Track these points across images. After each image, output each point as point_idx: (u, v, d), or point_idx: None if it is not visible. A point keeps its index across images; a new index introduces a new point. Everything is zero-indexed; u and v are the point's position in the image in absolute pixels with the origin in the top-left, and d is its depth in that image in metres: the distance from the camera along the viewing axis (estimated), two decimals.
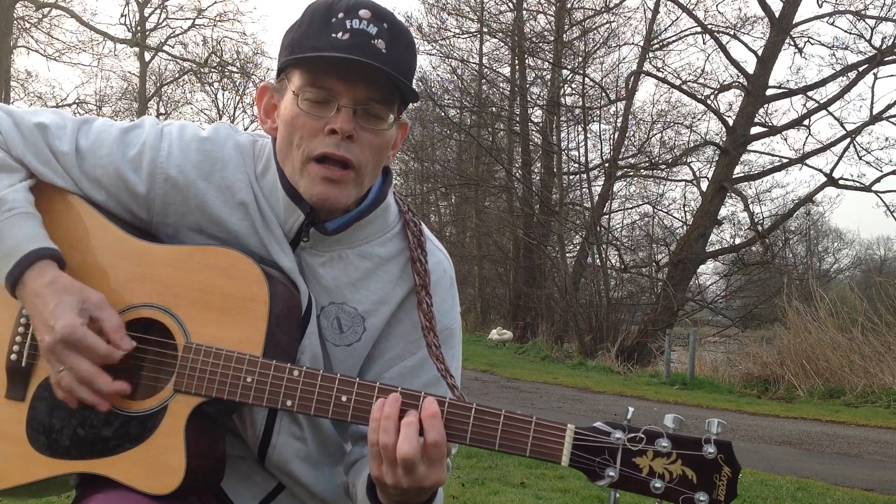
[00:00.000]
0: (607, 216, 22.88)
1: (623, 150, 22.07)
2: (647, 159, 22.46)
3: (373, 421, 1.25)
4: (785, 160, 20.51)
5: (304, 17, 1.40)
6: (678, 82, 20.93)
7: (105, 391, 1.32)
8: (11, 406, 1.40)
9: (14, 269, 1.36)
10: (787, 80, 21.88)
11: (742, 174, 21.00)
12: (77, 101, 29.69)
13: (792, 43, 19.43)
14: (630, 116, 21.89)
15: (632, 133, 22.67)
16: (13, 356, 1.42)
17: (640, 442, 1.21)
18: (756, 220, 20.38)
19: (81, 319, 1.32)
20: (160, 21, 30.03)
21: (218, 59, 29.83)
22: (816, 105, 19.51)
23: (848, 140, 19.09)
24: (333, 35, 1.34)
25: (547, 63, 23.45)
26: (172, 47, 30.35)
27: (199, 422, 1.34)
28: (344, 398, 1.30)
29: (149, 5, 29.30)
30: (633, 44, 23.19)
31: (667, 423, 1.22)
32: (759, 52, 19.29)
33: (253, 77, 30.50)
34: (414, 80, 1.46)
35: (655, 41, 21.34)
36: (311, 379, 1.31)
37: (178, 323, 1.37)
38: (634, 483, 1.20)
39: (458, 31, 25.71)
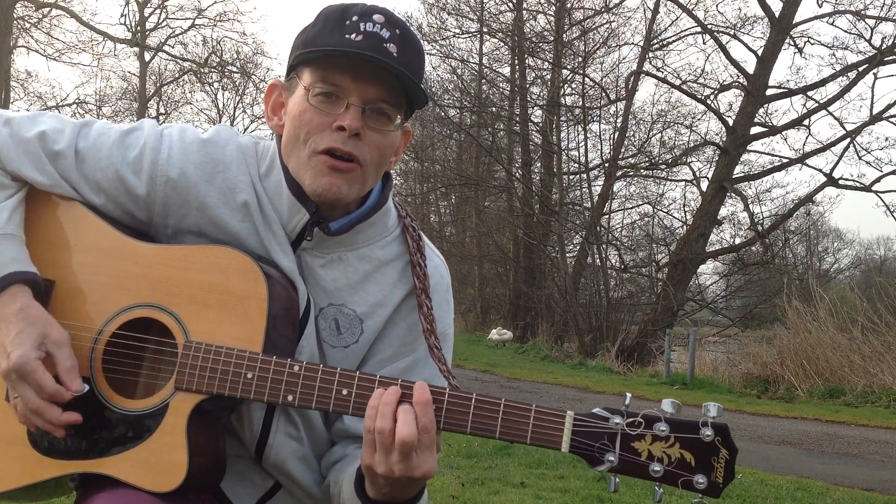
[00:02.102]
0: (607, 216, 22.89)
1: (623, 150, 22.09)
2: (647, 159, 22.47)
3: (370, 408, 1.26)
4: (785, 160, 20.52)
5: (318, 19, 1.42)
6: (678, 82, 20.95)
7: (54, 423, 1.33)
8: (12, 408, 1.40)
9: None
10: (787, 80, 21.92)
11: (742, 174, 21.02)
12: (77, 101, 29.69)
13: (792, 43, 19.45)
14: (630, 116, 21.93)
15: (632, 133, 22.71)
16: None
17: (638, 426, 1.22)
18: (756, 220, 20.39)
19: (37, 353, 1.32)
20: (160, 21, 30.07)
21: (218, 59, 29.84)
22: (816, 105, 19.52)
23: (848, 140, 19.11)
24: (347, 36, 1.36)
25: (547, 63, 23.47)
26: (172, 47, 30.39)
27: (200, 419, 1.35)
28: (345, 392, 1.30)
29: (149, 5, 29.31)
30: (633, 44, 23.23)
31: (664, 408, 1.24)
32: (759, 52, 19.29)
33: (253, 77, 30.55)
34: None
35: (655, 41, 21.36)
36: (312, 373, 1.32)
37: (178, 321, 1.38)
38: (634, 467, 1.22)
39: (458, 30, 25.78)
